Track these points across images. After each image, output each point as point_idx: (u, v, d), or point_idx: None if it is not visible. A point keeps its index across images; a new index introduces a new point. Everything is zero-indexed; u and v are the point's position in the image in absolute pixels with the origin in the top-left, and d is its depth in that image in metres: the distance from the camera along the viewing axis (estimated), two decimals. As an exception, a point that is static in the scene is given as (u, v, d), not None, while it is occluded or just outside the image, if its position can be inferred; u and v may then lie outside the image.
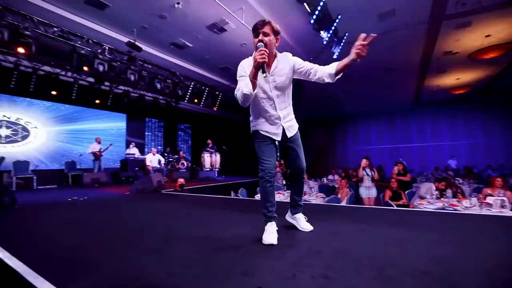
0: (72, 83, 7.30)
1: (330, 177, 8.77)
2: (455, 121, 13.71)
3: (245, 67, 1.78)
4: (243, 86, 1.66)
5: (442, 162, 12.75)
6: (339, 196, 5.08)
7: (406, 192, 5.17)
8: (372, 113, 15.80)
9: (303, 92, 10.52)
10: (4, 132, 6.95)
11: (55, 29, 5.70)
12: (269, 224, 1.86)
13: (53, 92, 7.09)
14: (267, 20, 1.75)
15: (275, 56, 1.85)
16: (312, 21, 5.48)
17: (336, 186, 6.56)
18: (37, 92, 6.88)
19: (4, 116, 6.97)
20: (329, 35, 6.08)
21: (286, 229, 2.07)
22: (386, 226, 2.18)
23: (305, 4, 5.58)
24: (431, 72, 10.32)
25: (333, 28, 6.06)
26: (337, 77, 1.78)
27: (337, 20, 6.01)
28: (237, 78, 1.80)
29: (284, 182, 8.46)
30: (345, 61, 1.71)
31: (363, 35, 1.58)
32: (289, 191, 5.95)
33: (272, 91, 1.85)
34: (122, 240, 2.01)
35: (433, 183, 4.41)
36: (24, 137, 7.30)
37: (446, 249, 1.59)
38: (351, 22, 6.70)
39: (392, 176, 5.38)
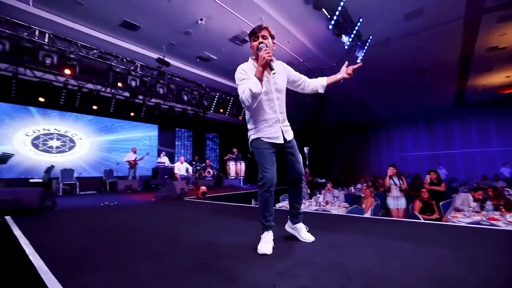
0: (110, 97, 8.08)
1: (359, 186, 8.34)
2: (506, 124, 12.15)
3: (247, 70, 1.82)
4: (252, 86, 1.67)
5: (493, 170, 11.34)
6: (363, 206, 4.80)
7: (441, 203, 4.71)
8: (407, 117, 14.76)
9: (328, 98, 10.30)
10: (55, 143, 7.91)
11: (95, 51, 6.41)
12: (266, 233, 1.83)
13: (94, 107, 7.91)
14: (264, 25, 1.83)
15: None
16: (330, 27, 5.39)
17: (363, 195, 6.22)
18: (82, 107, 7.76)
19: (55, 129, 7.94)
20: (350, 39, 5.91)
21: (286, 239, 2.03)
22: (398, 239, 2.02)
23: (323, 9, 5.52)
24: (474, 71, 9.41)
25: (354, 32, 5.87)
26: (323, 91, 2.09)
27: (358, 24, 5.83)
28: (238, 81, 1.83)
29: (309, 192, 8.25)
30: (335, 78, 2.02)
31: (346, 63, 2.01)
32: (311, 200, 5.81)
33: (274, 93, 1.88)
34: (131, 243, 2.15)
35: (470, 193, 3.95)
36: (71, 148, 8.22)
37: (452, 267, 1.42)
38: (375, 24, 6.45)
39: (423, 185, 4.94)
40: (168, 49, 7.39)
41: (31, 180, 6.67)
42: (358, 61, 6.81)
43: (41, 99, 7.16)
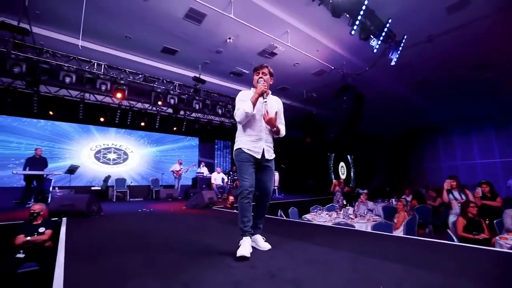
0: (156, 114, 9.07)
1: (404, 197, 7.51)
2: None
3: (246, 95, 2.20)
4: (246, 106, 2.07)
5: None
6: (395, 221, 4.35)
7: (496, 221, 3.98)
8: (471, 121, 12.85)
9: (368, 103, 9.69)
10: (112, 156, 9.19)
11: (140, 75, 7.35)
12: (244, 238, 1.99)
13: (142, 123, 8.98)
14: (264, 65, 2.28)
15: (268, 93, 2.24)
16: (353, 32, 5.18)
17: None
18: (133, 124, 8.90)
19: (113, 144, 9.25)
20: (379, 42, 5.56)
21: (273, 250, 2.05)
22: (392, 261, 1.81)
23: (346, 14, 5.36)
24: (554, 61, 7.79)
25: (383, 34, 5.52)
26: (279, 136, 2.29)
27: (387, 25, 5.47)
28: (238, 101, 2.21)
29: (344, 202, 7.78)
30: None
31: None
32: (341, 212, 5.50)
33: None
34: (133, 247, 2.39)
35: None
36: (124, 160, 9.43)
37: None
38: (412, 23, 5.96)
39: (474, 199, 4.23)
40: (203, 68, 8.03)
41: (92, 188, 7.87)
42: (393, 63, 6.31)
43: (101, 119, 8.46)
